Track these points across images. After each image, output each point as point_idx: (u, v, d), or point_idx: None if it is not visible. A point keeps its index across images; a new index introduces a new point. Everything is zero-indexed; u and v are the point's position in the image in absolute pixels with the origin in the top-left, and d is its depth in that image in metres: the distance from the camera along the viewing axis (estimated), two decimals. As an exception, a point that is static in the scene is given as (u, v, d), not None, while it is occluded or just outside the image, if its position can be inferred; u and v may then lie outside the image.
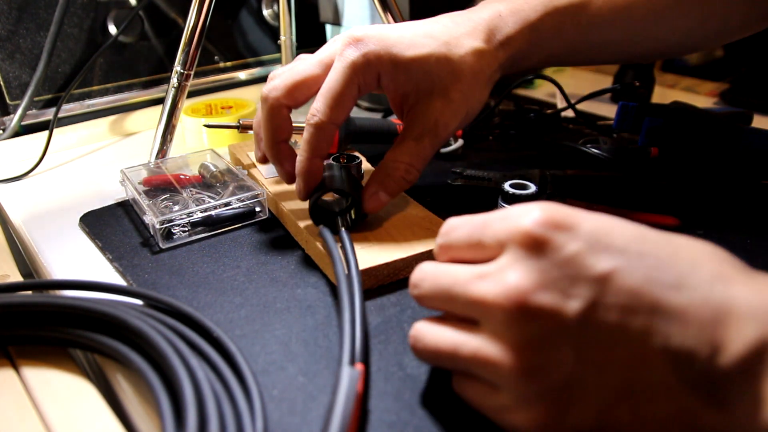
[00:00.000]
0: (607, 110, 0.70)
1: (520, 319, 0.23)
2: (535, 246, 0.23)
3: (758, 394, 0.21)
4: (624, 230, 0.24)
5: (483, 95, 0.42)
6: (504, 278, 0.24)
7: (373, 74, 0.39)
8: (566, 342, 0.23)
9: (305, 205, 0.45)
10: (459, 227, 0.28)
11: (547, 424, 0.24)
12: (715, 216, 0.46)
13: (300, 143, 0.40)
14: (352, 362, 0.29)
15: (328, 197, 0.44)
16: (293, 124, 0.55)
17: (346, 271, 0.36)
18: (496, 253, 0.26)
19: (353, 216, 0.42)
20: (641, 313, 0.22)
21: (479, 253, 0.27)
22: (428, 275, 0.27)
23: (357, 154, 0.49)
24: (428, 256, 0.39)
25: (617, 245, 0.23)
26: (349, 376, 0.27)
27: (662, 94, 0.77)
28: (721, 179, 0.50)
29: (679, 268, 0.23)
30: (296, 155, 0.41)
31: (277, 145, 0.41)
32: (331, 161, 0.45)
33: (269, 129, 0.40)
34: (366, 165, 0.51)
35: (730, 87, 0.78)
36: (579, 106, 0.65)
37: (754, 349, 0.21)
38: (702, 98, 0.78)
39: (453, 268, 0.27)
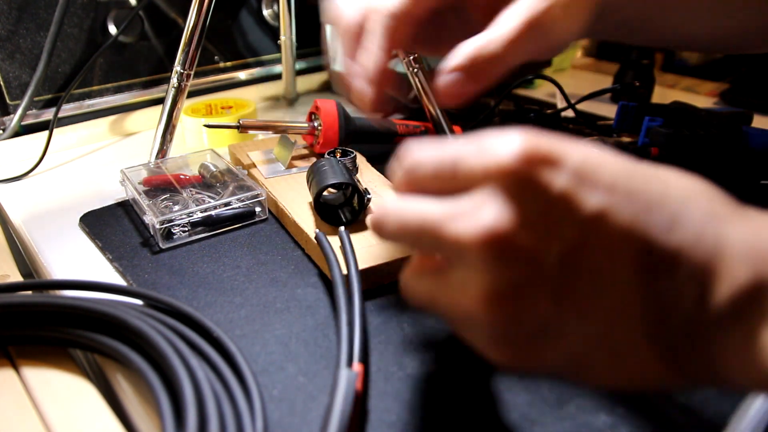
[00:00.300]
0: (607, 110, 0.70)
1: (497, 263, 0.21)
2: (517, 184, 0.21)
3: (750, 337, 0.20)
4: (612, 164, 0.22)
5: (576, 10, 0.35)
6: (481, 217, 0.21)
7: None
8: (545, 289, 0.21)
9: (305, 204, 0.45)
10: (425, 163, 0.24)
11: (515, 365, 0.23)
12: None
13: (300, 142, 0.40)
14: (350, 363, 0.29)
15: (327, 193, 0.44)
16: (292, 124, 0.56)
17: (346, 272, 0.36)
18: (469, 187, 0.23)
19: (356, 206, 0.42)
20: (631, 253, 0.20)
21: (449, 187, 0.23)
22: (391, 213, 0.24)
23: (350, 149, 0.50)
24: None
25: (606, 182, 0.21)
26: (346, 378, 0.27)
27: (662, 94, 0.77)
28: (721, 179, 0.50)
29: (670, 207, 0.21)
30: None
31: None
32: (326, 156, 0.46)
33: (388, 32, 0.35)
34: (360, 160, 0.52)
35: (730, 87, 0.78)
36: (579, 106, 0.65)
37: (746, 290, 0.20)
38: (702, 98, 0.78)
39: (420, 205, 0.23)
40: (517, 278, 0.21)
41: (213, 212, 0.45)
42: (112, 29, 0.67)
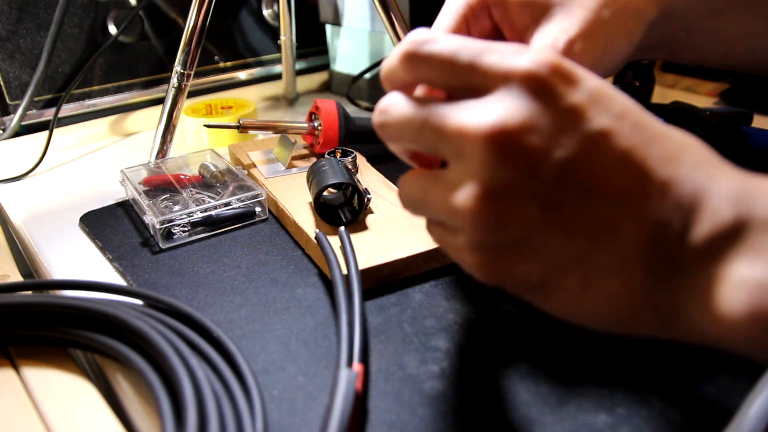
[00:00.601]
0: (607, 110, 0.70)
1: (498, 160, 0.21)
2: (535, 87, 0.21)
3: (713, 275, 0.20)
4: (624, 99, 0.23)
5: (626, 25, 0.34)
6: (491, 109, 0.21)
7: (482, 4, 0.34)
8: (537, 197, 0.21)
9: (305, 204, 0.45)
10: (442, 40, 0.23)
11: (490, 274, 0.23)
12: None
13: (300, 142, 0.41)
14: (350, 363, 0.29)
15: (327, 193, 0.44)
16: (292, 124, 0.56)
17: (346, 272, 0.36)
18: (483, 87, 0.22)
19: (356, 206, 0.43)
20: (627, 176, 0.21)
21: (460, 80, 0.23)
22: (400, 101, 0.24)
23: (350, 149, 0.50)
24: (429, 255, 0.39)
25: (616, 109, 0.22)
26: (346, 378, 0.27)
27: (662, 94, 0.77)
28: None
29: (670, 145, 0.22)
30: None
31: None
32: (326, 156, 0.46)
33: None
34: (360, 160, 0.52)
35: (730, 87, 0.78)
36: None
37: (724, 228, 0.20)
38: (702, 98, 0.78)
39: (431, 100, 0.23)
40: (513, 180, 0.21)
41: (213, 212, 0.45)
42: (112, 29, 0.67)
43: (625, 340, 0.31)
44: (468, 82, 0.23)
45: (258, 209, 0.47)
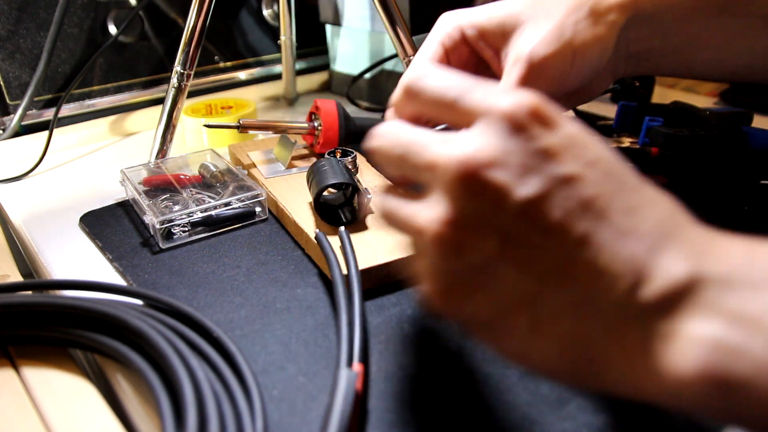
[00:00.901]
0: (607, 110, 0.70)
1: (464, 192, 0.22)
2: (512, 126, 0.22)
3: (665, 331, 0.20)
4: (600, 147, 0.23)
5: (593, 31, 0.35)
6: (465, 145, 0.22)
7: (455, 29, 0.37)
8: (498, 229, 0.22)
9: (305, 204, 0.45)
10: (435, 76, 0.25)
11: (443, 302, 0.23)
12: (715, 216, 0.46)
13: (300, 142, 0.41)
14: (350, 363, 0.29)
15: (327, 193, 0.44)
16: (292, 124, 0.56)
17: (346, 272, 0.36)
18: (466, 122, 0.24)
19: (356, 206, 0.43)
20: (585, 223, 0.21)
21: (447, 115, 0.25)
22: (392, 129, 0.26)
23: (350, 149, 0.50)
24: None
25: (589, 157, 0.22)
26: (346, 378, 0.27)
27: (662, 94, 0.77)
28: (721, 179, 0.50)
29: (637, 198, 0.22)
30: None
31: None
32: (326, 156, 0.46)
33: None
34: (360, 160, 0.52)
35: (730, 87, 0.78)
36: (579, 106, 0.65)
37: (677, 285, 0.20)
38: (702, 98, 0.78)
39: (420, 130, 0.25)
40: (476, 212, 0.22)
41: (213, 212, 0.45)
42: (112, 29, 0.67)
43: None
44: (454, 117, 0.24)
45: (258, 209, 0.47)
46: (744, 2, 0.37)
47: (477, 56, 0.39)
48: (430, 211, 0.23)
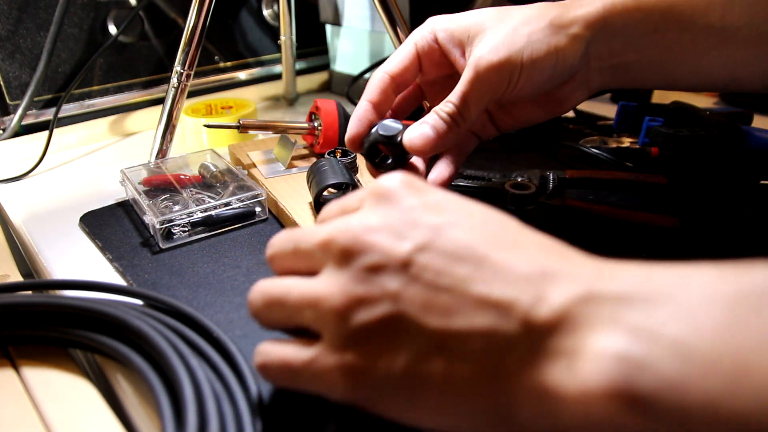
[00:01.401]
0: (607, 110, 0.70)
1: (351, 255, 0.24)
2: (383, 196, 0.25)
3: (568, 348, 0.20)
4: (469, 206, 0.25)
5: (548, 42, 0.36)
6: (345, 221, 0.25)
7: (430, 32, 0.40)
8: (391, 280, 0.23)
9: (305, 204, 0.45)
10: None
11: (355, 372, 0.23)
12: (715, 216, 0.46)
13: (300, 142, 0.40)
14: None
15: (327, 193, 0.44)
16: (292, 124, 0.56)
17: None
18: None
19: None
20: (468, 262, 0.23)
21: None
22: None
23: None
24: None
25: (456, 208, 0.25)
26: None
27: (662, 94, 0.77)
28: (721, 179, 0.50)
29: (515, 239, 0.24)
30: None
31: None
32: (326, 156, 0.46)
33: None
34: (361, 160, 0.51)
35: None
36: (579, 106, 0.65)
37: (569, 302, 0.21)
38: (702, 98, 0.78)
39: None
40: (368, 266, 0.24)
41: (213, 212, 0.45)
42: (112, 29, 0.67)
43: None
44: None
45: (258, 209, 0.47)
46: (716, 14, 0.37)
47: (446, 58, 0.40)
48: (324, 284, 0.25)
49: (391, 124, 0.39)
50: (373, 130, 0.39)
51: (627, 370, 0.18)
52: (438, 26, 0.40)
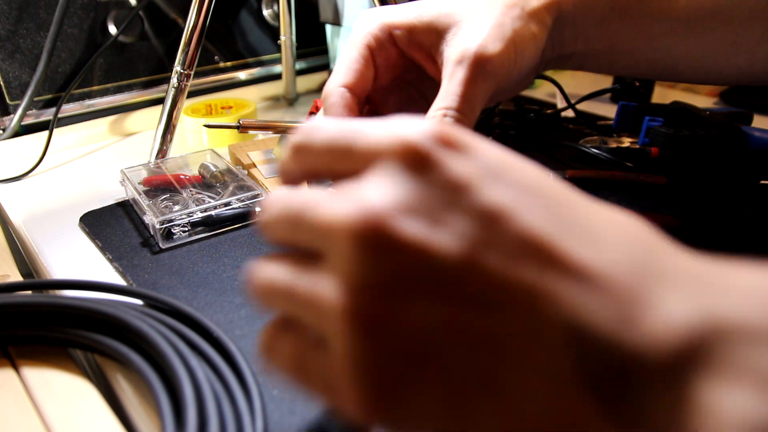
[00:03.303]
0: (607, 110, 0.70)
1: (367, 251, 0.17)
2: (415, 161, 0.17)
3: (681, 401, 0.14)
4: (530, 170, 0.18)
5: (529, 29, 0.35)
6: (360, 195, 0.17)
7: (382, 31, 0.36)
8: (426, 292, 0.16)
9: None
10: (323, 128, 0.20)
11: (372, 409, 0.17)
12: (715, 216, 0.46)
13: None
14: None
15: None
16: (292, 124, 0.56)
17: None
18: (362, 170, 0.19)
19: None
20: (532, 264, 0.16)
21: (344, 166, 0.20)
22: (279, 198, 0.21)
23: None
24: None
25: (517, 180, 0.18)
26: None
27: (662, 94, 0.77)
28: (721, 179, 0.50)
29: (593, 223, 0.17)
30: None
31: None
32: None
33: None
34: None
35: (730, 87, 0.78)
36: (579, 106, 0.65)
37: (688, 333, 0.15)
38: (702, 98, 0.78)
39: (310, 191, 0.20)
40: (393, 271, 0.17)
41: (213, 212, 0.45)
42: (112, 29, 0.67)
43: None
44: (348, 167, 0.20)
45: (258, 209, 0.47)
46: (663, 5, 0.37)
47: (406, 58, 0.37)
48: (331, 284, 0.18)
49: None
50: None
51: None
52: (390, 21, 0.36)
